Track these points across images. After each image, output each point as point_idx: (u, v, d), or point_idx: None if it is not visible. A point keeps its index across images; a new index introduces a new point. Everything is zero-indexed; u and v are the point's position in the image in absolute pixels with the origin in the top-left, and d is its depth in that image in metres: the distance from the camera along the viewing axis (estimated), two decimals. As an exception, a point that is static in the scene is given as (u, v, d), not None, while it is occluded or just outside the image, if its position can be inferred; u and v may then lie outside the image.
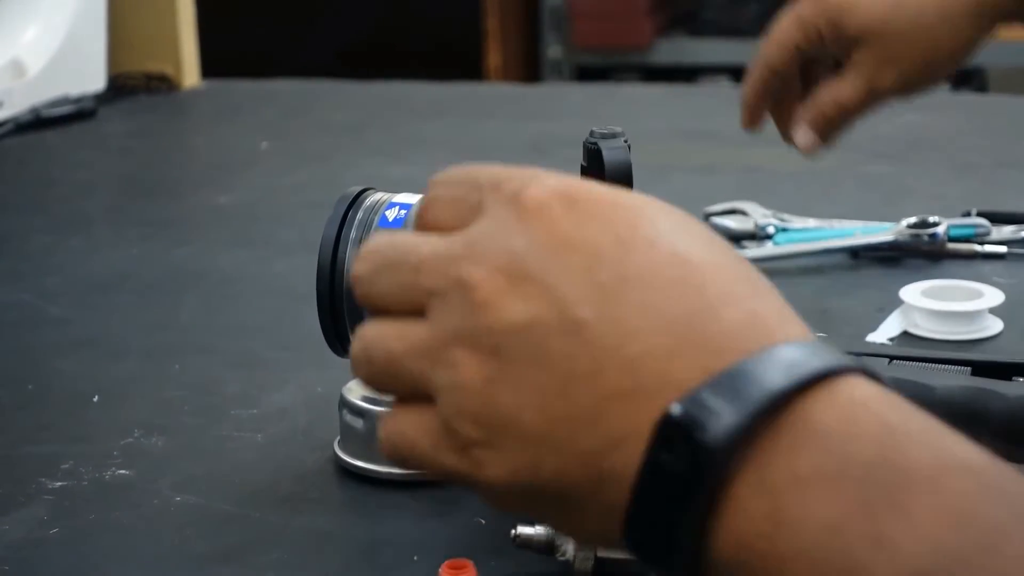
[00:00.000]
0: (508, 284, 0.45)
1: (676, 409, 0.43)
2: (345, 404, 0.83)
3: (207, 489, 0.82)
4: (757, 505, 0.42)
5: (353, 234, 0.80)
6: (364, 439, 0.82)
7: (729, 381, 0.43)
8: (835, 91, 1.01)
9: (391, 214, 0.80)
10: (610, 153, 0.74)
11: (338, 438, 0.84)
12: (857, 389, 0.43)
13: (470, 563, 0.69)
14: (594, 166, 0.75)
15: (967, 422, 0.47)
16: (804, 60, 1.02)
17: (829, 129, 1.02)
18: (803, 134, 1.02)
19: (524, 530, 0.70)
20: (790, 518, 0.42)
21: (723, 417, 0.42)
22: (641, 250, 0.45)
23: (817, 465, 0.42)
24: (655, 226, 0.46)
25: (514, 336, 0.45)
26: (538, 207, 0.46)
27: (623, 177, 0.75)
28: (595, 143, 0.75)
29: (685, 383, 0.43)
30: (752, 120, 1.05)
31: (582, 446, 0.44)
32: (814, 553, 0.41)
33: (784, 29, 1.00)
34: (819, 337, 0.46)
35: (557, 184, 0.47)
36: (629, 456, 0.43)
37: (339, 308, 0.80)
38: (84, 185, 1.56)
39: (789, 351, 0.43)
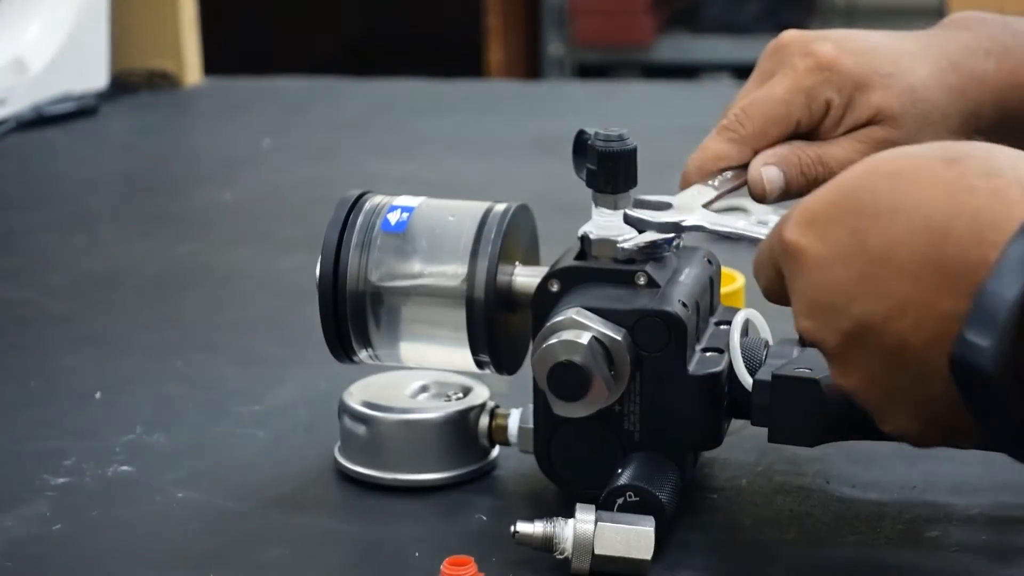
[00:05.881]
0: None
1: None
2: (346, 410, 0.82)
3: (209, 486, 0.82)
4: None
5: (355, 239, 0.79)
6: (365, 444, 0.82)
7: None
8: (824, 149, 0.84)
9: (393, 217, 0.80)
10: (615, 155, 0.75)
11: (338, 444, 0.84)
12: None
13: (471, 560, 0.69)
14: (600, 167, 0.75)
15: None
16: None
17: (800, 184, 0.84)
18: (771, 172, 0.83)
19: (523, 527, 0.70)
20: None
21: None
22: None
23: None
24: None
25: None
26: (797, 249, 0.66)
27: (628, 178, 0.75)
28: (600, 143, 0.75)
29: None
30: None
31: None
32: None
33: (782, 100, 0.83)
34: None
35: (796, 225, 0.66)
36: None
37: (342, 312, 0.79)
38: (86, 182, 1.56)
39: None
